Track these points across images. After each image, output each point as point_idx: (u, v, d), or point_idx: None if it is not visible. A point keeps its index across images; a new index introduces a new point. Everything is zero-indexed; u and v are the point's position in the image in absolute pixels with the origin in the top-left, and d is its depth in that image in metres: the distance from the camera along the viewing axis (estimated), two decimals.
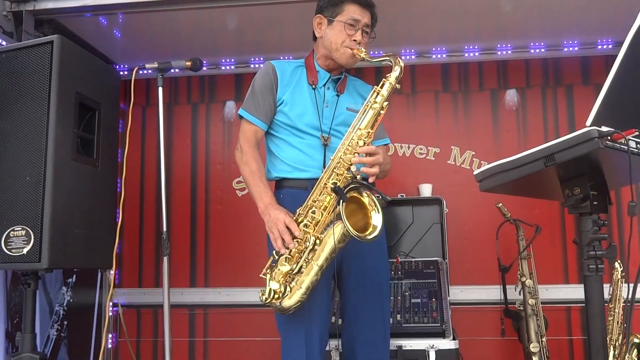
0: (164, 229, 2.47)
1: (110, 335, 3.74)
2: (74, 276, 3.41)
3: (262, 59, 3.80)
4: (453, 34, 3.49)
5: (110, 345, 3.75)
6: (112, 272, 2.50)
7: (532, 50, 3.66)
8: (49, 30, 3.08)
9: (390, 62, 2.09)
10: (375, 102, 2.06)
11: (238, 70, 3.89)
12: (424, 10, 3.12)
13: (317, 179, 2.07)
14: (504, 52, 3.68)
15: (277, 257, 2.00)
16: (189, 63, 2.56)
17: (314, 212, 2.01)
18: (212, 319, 3.77)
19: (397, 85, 2.07)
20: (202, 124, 3.95)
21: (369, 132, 2.05)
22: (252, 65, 3.85)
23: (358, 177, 2.02)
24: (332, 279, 2.16)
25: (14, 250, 2.18)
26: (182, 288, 3.74)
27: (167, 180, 2.58)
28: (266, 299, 1.97)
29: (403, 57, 3.74)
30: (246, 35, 3.47)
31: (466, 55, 3.72)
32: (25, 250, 2.16)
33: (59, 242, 2.20)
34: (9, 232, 2.19)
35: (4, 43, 2.77)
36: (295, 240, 1.98)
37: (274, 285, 1.96)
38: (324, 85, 2.26)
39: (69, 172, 2.30)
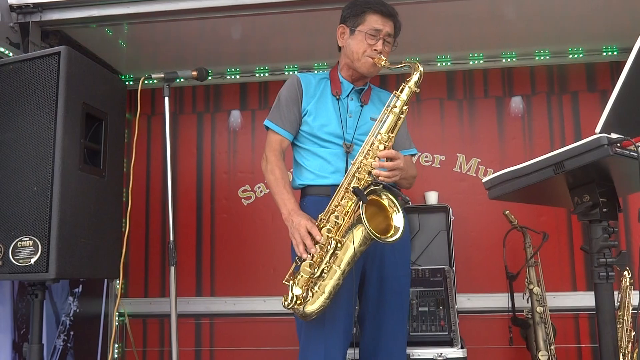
0: (171, 238, 2.47)
1: (116, 345, 3.73)
2: (80, 286, 3.40)
3: (267, 68, 3.81)
4: (457, 41, 3.49)
5: (116, 355, 3.74)
6: (119, 281, 2.49)
7: (537, 58, 3.66)
8: (55, 41, 3.10)
9: (409, 67, 2.13)
10: (395, 107, 2.09)
11: (243, 79, 3.90)
12: (429, 18, 3.12)
13: (339, 185, 2.08)
14: (509, 60, 3.68)
15: (299, 263, 2.00)
16: (195, 73, 2.57)
17: (336, 217, 2.00)
18: (218, 329, 3.75)
19: (417, 89, 2.10)
20: (208, 133, 3.95)
21: (390, 136, 2.07)
22: (257, 75, 3.86)
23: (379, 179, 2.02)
24: (356, 286, 2.15)
25: (21, 261, 2.17)
26: (188, 297, 3.73)
27: (172, 190, 2.58)
28: (288, 304, 1.97)
29: None
30: (251, 45, 3.49)
31: (471, 62, 3.72)
32: (32, 261, 2.15)
33: (66, 252, 2.20)
34: (17, 242, 2.19)
35: (10, 54, 2.79)
36: (317, 245, 1.97)
37: (297, 291, 1.96)
38: (347, 96, 2.28)
39: (76, 182, 2.30)
